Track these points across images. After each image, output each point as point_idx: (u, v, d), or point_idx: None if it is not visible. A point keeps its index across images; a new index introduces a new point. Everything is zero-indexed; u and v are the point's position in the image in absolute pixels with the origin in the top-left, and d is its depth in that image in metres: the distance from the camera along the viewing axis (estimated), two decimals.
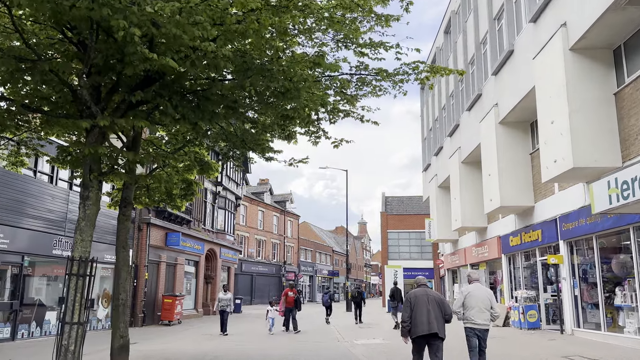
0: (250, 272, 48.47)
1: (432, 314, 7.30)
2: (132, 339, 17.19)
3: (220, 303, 17.55)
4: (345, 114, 10.15)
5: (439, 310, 7.37)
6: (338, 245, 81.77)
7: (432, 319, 7.28)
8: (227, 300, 17.66)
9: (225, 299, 17.64)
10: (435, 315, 7.31)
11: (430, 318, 7.28)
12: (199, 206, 28.78)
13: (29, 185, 15.33)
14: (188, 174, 12.02)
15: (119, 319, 9.77)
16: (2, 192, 14.18)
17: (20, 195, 14.95)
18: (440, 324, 7.35)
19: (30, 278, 15.62)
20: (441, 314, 7.41)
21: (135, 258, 21.62)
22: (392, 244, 46.27)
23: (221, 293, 17.94)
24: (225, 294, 17.87)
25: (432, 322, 7.26)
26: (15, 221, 14.70)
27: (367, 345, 14.57)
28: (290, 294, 17.87)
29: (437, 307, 7.38)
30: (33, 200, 15.39)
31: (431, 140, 30.78)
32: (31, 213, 15.32)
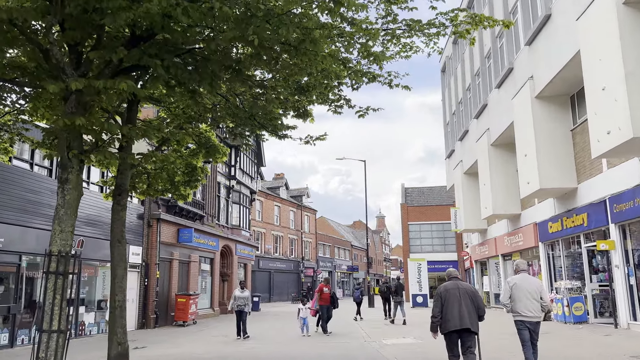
0: (267, 268, 47.25)
1: (464, 308, 6.96)
2: (142, 342, 16.07)
3: (237, 302, 15.36)
4: (371, 77, 8.65)
5: (471, 304, 7.01)
6: (357, 240, 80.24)
7: (464, 313, 6.94)
8: (245, 298, 15.38)
9: (243, 297, 15.38)
10: (467, 310, 6.97)
11: (462, 312, 6.94)
12: (212, 201, 27.53)
13: (25, 179, 14.13)
14: (193, 159, 10.65)
15: (116, 324, 8.48)
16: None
17: (17, 190, 13.76)
18: (472, 319, 6.99)
19: (30, 279, 14.44)
20: (474, 308, 7.04)
21: (146, 256, 20.42)
22: (413, 237, 44.62)
23: (237, 290, 15.69)
24: (242, 291, 15.58)
25: (464, 317, 6.93)
26: (10, 218, 13.52)
27: (397, 345, 13.10)
28: (325, 290, 15.98)
29: (470, 301, 7.01)
30: (31, 195, 14.20)
31: (455, 125, 29.08)
32: (29, 209, 14.12)
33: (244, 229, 32.74)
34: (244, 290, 15.76)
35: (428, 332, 15.67)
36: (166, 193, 11.52)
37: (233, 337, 15.74)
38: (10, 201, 13.55)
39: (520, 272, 7.84)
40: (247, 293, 15.71)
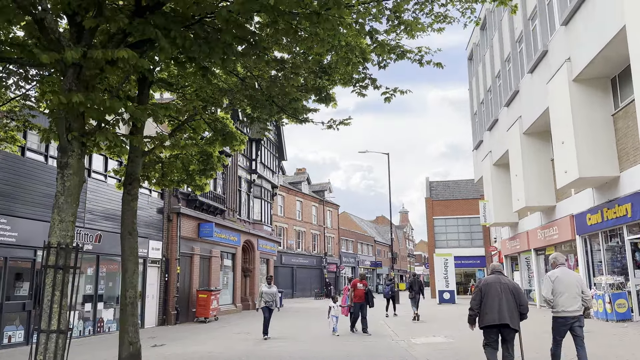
0: (290, 264, 46.75)
1: (505, 303, 6.74)
2: (162, 340, 15.62)
3: (264, 298, 14.15)
4: (399, 54, 7.84)
5: (513, 300, 6.80)
6: (380, 236, 79.23)
7: (504, 308, 6.73)
8: (272, 294, 14.20)
9: (270, 294, 14.17)
10: (508, 305, 6.75)
11: (501, 307, 6.73)
12: (233, 195, 27.04)
13: (39, 172, 13.75)
14: (209, 147, 10.01)
15: (127, 322, 7.90)
16: (7, 179, 12.62)
17: (31, 183, 13.38)
18: (513, 315, 6.78)
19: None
20: (515, 304, 6.81)
21: (166, 251, 20.00)
22: (438, 232, 43.49)
23: (264, 286, 14.41)
24: (269, 287, 14.33)
25: (503, 312, 6.71)
26: (25, 212, 13.14)
27: (428, 345, 12.29)
28: (360, 286, 14.61)
29: (512, 297, 6.81)
30: (45, 188, 13.80)
31: (483, 114, 27.93)
32: (44, 203, 13.73)
33: (265, 224, 32.21)
34: (272, 285, 14.49)
35: (458, 331, 15.00)
36: (182, 184, 10.93)
37: (255, 335, 15.14)
38: (24, 195, 13.17)
39: (559, 265, 7.55)
40: (274, 289, 14.41)
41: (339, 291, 48.41)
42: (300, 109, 9.15)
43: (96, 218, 15.87)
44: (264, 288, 14.28)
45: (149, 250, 18.82)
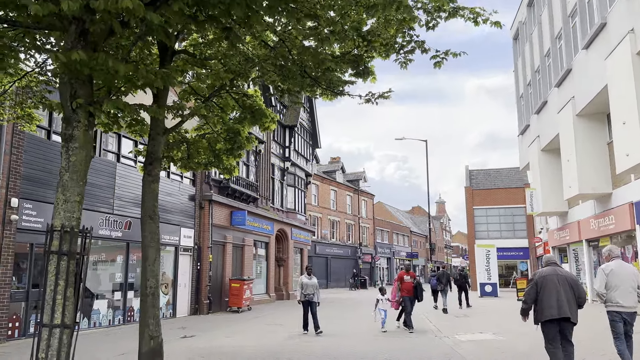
0: (324, 254, 46.05)
1: (563, 295, 6.51)
2: (192, 330, 15.08)
3: (305, 291, 13.01)
4: (451, 11, 6.78)
5: (571, 292, 6.57)
6: (416, 226, 77.65)
7: (563, 301, 6.49)
8: (313, 286, 13.07)
9: (311, 285, 13.07)
10: (567, 298, 6.52)
11: (560, 300, 6.49)
12: (265, 183, 26.39)
13: None
14: (238, 125, 9.21)
15: (148, 314, 7.21)
16: (34, 162, 12.21)
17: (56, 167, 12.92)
18: (572, 308, 6.56)
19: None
20: (574, 297, 6.58)
21: (198, 239, 19.51)
22: (479, 222, 41.84)
23: (304, 277, 13.29)
24: (309, 278, 13.25)
25: (563, 305, 6.48)
26: (49, 197, 12.72)
27: (475, 342, 11.25)
28: (407, 279, 13.34)
29: (570, 289, 6.59)
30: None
31: (530, 97, 26.24)
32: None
33: (299, 213, 31.51)
34: (312, 276, 13.35)
35: (507, 327, 13.85)
36: (209, 167, 10.18)
37: (289, 328, 14.41)
38: (50, 180, 12.76)
39: (614, 258, 7.22)
40: (315, 280, 13.30)
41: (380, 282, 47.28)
42: (335, 81, 8.21)
43: (125, 204, 15.43)
44: (304, 279, 13.15)
45: (181, 237, 18.36)
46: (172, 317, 17.69)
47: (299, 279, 13.37)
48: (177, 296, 18.01)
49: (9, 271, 11.31)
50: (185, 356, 9.87)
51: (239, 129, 8.74)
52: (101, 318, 14.32)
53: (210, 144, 9.05)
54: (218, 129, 8.76)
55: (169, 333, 13.77)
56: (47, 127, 12.81)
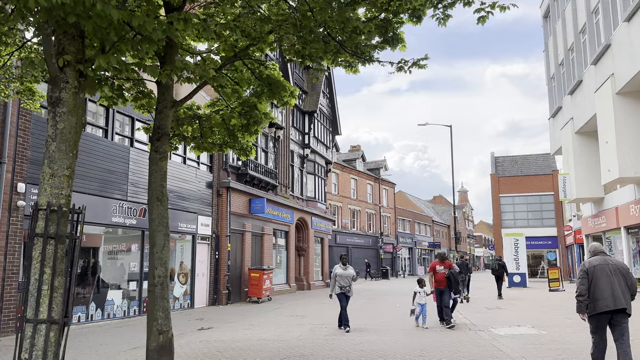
0: (345, 244, 45.19)
1: (617, 286, 6.16)
2: (210, 322, 14.41)
3: (339, 283, 11.52)
4: None
5: (624, 282, 6.22)
6: (437, 215, 76.28)
7: (618, 292, 6.13)
8: (349, 278, 11.52)
9: (347, 277, 11.50)
10: (620, 288, 6.17)
11: (615, 291, 6.13)
12: (285, 170, 25.61)
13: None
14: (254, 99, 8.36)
15: (156, 306, 6.46)
16: (42, 145, 11.57)
17: None
18: (627, 298, 6.19)
19: (85, 251, 13.11)
20: (627, 287, 6.23)
21: (216, 227, 18.85)
22: (505, 210, 40.47)
23: (338, 267, 11.72)
24: (344, 268, 11.63)
25: (618, 296, 6.11)
26: None
27: (514, 337, 10.30)
28: (439, 269, 11.95)
29: (622, 279, 6.24)
30: (84, 157, 12.73)
31: (563, 77, 24.85)
32: (82, 173, 12.68)
33: (319, 201, 30.71)
34: (347, 266, 11.64)
35: (545, 319, 12.87)
36: (224, 147, 9.38)
37: (311, 319, 13.64)
38: None
39: None
40: (351, 271, 11.63)
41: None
42: (363, 46, 7.30)
43: (140, 191, 14.79)
44: (339, 270, 11.63)
45: (198, 226, 17.71)
46: (190, 307, 17.10)
47: (333, 270, 11.83)
48: (195, 286, 17.41)
49: (17, 260, 10.73)
50: (201, 351, 9.16)
51: (255, 102, 7.88)
52: (115, 309, 13.75)
53: (224, 121, 8.23)
54: (232, 102, 7.90)
55: (185, 324, 13.14)
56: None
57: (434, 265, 12.19)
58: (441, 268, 12.01)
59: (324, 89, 31.14)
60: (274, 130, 23.97)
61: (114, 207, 13.74)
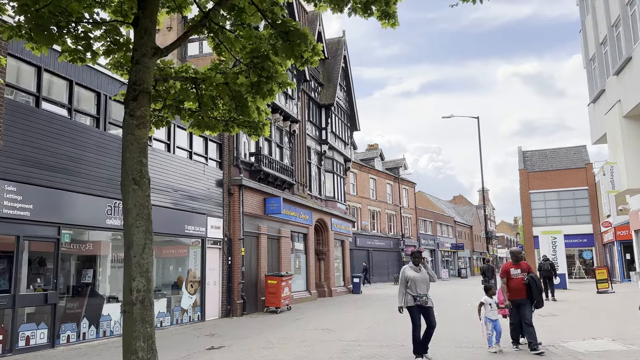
0: (365, 246, 43.06)
1: None
2: (222, 338, 12.28)
3: (412, 289, 8.21)
4: None
5: None
6: (459, 216, 73.69)
7: None
8: (425, 283, 8.28)
9: (422, 280, 8.26)
10: None
11: None
12: (302, 167, 23.66)
13: (63, 129, 10.87)
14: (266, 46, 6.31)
15: (135, 333, 4.52)
16: (17, 135, 9.77)
17: (53, 143, 10.51)
18: None
19: (74, 259, 11.27)
20: None
21: (227, 229, 16.94)
22: (536, 207, 37.98)
23: (408, 269, 8.40)
24: (418, 269, 8.33)
25: None
26: (44, 179, 10.30)
27: (601, 356, 8.16)
28: (515, 273, 8.90)
29: None
30: (72, 150, 10.93)
31: (605, 57, 22.54)
32: (70, 168, 10.87)
33: (339, 201, 28.68)
34: (421, 267, 8.36)
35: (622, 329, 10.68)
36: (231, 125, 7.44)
37: (339, 334, 11.60)
38: (45, 158, 10.33)
39: None
40: (427, 273, 8.35)
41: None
42: None
43: None
44: (410, 272, 8.24)
45: (208, 228, 15.82)
46: (201, 320, 15.19)
47: (401, 272, 8.49)
48: (205, 296, 15.50)
49: None
50: None
51: (268, 51, 5.90)
52: (113, 326, 11.86)
53: (227, 84, 6.27)
54: (237, 51, 5.91)
55: (193, 342, 11.22)
56: (35, 92, 10.37)
57: (507, 269, 9.06)
58: (517, 272, 8.92)
59: (341, 82, 29.18)
60: (289, 123, 22.05)
61: (108, 208, 11.89)
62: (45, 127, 10.41)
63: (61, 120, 10.90)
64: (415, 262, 8.41)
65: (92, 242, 11.84)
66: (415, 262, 8.42)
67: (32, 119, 10.15)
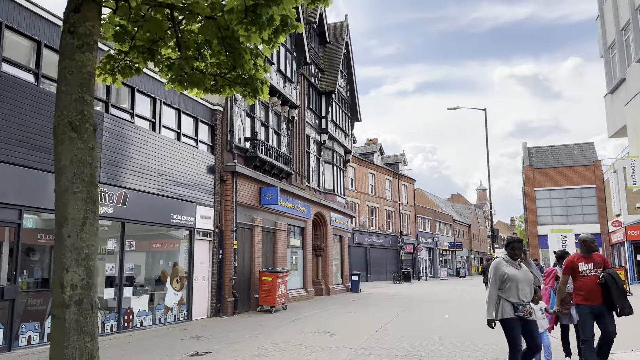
0: (363, 243, 41.61)
1: None
2: (211, 342, 10.56)
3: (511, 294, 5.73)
4: None
5: None
6: (457, 214, 72.36)
7: None
8: (528, 284, 5.81)
9: (524, 283, 5.79)
10: None
11: None
12: (300, 157, 22.16)
13: (26, 94, 9.32)
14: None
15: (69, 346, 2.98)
16: None
17: (14, 112, 8.97)
18: None
19: (38, 248, 9.73)
20: None
21: (219, 220, 15.43)
22: (541, 205, 36.65)
23: (505, 264, 5.85)
24: (518, 265, 5.90)
25: None
26: (3, 154, 8.77)
27: None
28: (586, 269, 6.48)
29: None
30: (36, 120, 9.39)
31: (627, 43, 21.16)
32: (33, 142, 9.34)
33: (338, 195, 27.20)
34: (521, 263, 5.98)
35: None
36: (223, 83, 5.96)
37: (342, 339, 10.13)
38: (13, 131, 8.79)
39: None
40: (528, 271, 5.95)
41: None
42: None
43: (119, 171, 11.43)
44: (508, 269, 5.79)
45: (197, 218, 14.31)
46: (187, 319, 13.69)
47: (494, 268, 5.84)
48: (192, 293, 14.00)
49: None
50: None
51: None
52: None
53: (214, 19, 4.77)
54: None
55: (176, 346, 9.73)
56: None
57: (574, 263, 6.53)
58: (588, 267, 6.47)
59: (342, 69, 27.67)
60: (288, 109, 20.53)
61: None
62: (11, 93, 8.86)
63: (24, 85, 9.35)
64: (513, 255, 5.84)
65: None
66: (513, 254, 5.85)
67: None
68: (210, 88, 6.18)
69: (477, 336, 9.90)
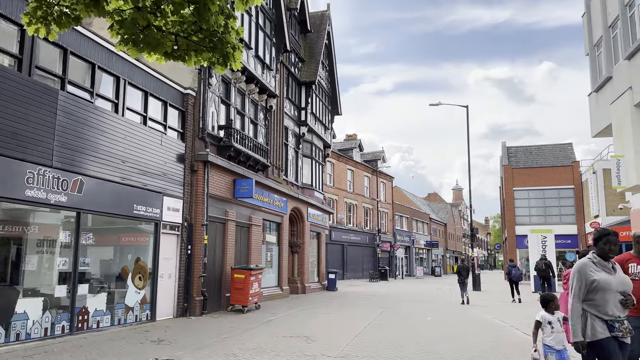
0: (340, 241, 40.84)
1: None
2: (173, 347, 8.85)
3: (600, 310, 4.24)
4: None
5: None
6: (434, 213, 72.32)
7: None
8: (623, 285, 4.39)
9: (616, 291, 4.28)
10: None
11: None
12: (278, 149, 21.15)
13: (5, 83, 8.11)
14: None
15: None
16: None
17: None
18: None
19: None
20: None
21: (188, 213, 14.33)
22: (519, 205, 36.44)
23: (592, 266, 4.35)
24: (610, 269, 4.36)
25: None
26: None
27: None
28: (636, 271, 4.92)
29: None
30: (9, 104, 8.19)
31: (614, 40, 20.75)
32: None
33: (317, 190, 26.28)
34: (615, 268, 4.42)
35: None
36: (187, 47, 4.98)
37: (321, 344, 9.21)
38: None
39: None
40: (624, 276, 4.44)
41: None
42: None
43: (75, 155, 10.26)
44: (599, 274, 4.32)
45: (163, 210, 13.20)
46: (150, 320, 12.59)
47: (578, 272, 4.37)
48: (157, 292, 12.88)
49: None
50: None
51: None
52: (30, 327, 9.18)
53: None
54: None
55: (133, 351, 8.67)
56: None
57: (623, 263, 4.89)
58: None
59: (323, 59, 26.75)
60: (265, 97, 19.50)
61: (30, 175, 9.17)
62: None
63: None
64: (605, 254, 4.38)
65: (6, 219, 9.10)
66: (606, 253, 4.38)
67: None
68: (172, 53, 5.16)
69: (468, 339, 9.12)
